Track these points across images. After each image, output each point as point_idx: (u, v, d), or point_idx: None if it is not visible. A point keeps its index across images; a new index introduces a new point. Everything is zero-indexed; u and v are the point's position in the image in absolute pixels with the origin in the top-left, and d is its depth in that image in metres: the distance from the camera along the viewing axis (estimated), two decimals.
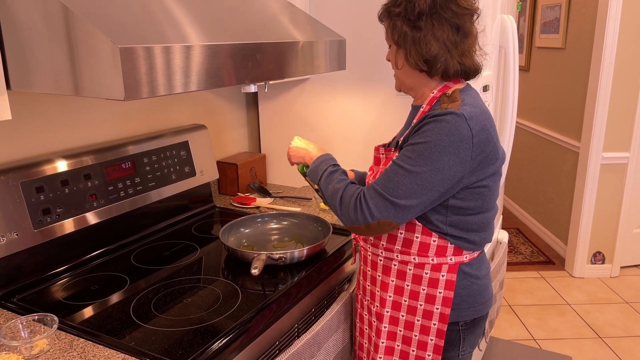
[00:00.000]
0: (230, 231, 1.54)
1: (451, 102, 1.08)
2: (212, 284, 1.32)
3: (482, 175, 1.10)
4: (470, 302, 1.19)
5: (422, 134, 1.06)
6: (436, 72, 1.11)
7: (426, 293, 1.17)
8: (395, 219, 1.08)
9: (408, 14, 1.09)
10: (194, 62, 0.98)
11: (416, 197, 1.06)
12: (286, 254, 1.36)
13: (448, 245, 1.15)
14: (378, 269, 1.23)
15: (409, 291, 1.19)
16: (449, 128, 1.03)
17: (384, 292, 1.22)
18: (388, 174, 1.09)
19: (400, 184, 1.06)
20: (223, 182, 2.02)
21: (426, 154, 1.05)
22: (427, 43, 1.08)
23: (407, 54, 1.12)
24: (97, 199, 1.44)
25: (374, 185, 1.10)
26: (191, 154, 1.76)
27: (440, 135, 1.04)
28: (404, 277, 1.19)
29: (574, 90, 3.46)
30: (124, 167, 1.53)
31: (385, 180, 1.09)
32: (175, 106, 1.83)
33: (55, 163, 1.35)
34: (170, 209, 1.72)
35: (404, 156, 1.08)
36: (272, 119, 2.12)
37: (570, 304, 3.02)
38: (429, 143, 1.05)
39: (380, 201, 1.08)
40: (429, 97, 1.15)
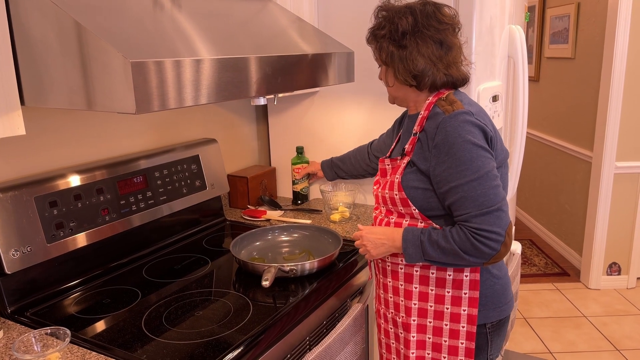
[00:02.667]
0: (241, 244, 1.54)
1: (451, 104, 1.14)
2: (223, 297, 1.32)
3: (497, 162, 1.15)
4: (495, 303, 1.20)
5: (446, 144, 1.10)
6: (425, 86, 1.17)
7: (451, 295, 1.18)
8: (509, 219, 1.10)
9: (393, 35, 1.15)
10: (204, 75, 0.99)
11: (500, 190, 1.10)
12: (297, 266, 1.36)
13: None
14: (400, 278, 1.24)
15: (434, 295, 1.19)
16: (466, 123, 1.10)
17: (408, 300, 1.23)
18: (469, 195, 1.08)
19: (487, 192, 1.07)
20: (234, 195, 2.02)
21: (470, 156, 1.08)
22: (413, 60, 1.14)
23: (395, 72, 1.17)
24: (109, 213, 1.45)
25: (469, 213, 1.08)
26: (202, 168, 1.77)
27: (465, 133, 1.09)
28: (427, 282, 1.20)
29: (585, 99, 3.44)
30: (135, 182, 1.54)
31: (472, 202, 1.08)
32: (186, 120, 1.85)
33: (68, 178, 1.37)
34: (182, 223, 1.72)
35: (458, 174, 1.08)
36: (282, 132, 2.13)
37: (586, 316, 2.96)
38: (461, 146, 1.09)
39: (490, 218, 1.07)
40: (425, 103, 1.20)
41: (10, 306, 1.24)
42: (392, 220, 1.23)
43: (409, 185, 1.17)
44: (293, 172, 2.03)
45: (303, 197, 2.04)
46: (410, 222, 1.20)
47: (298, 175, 1.99)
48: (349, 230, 1.75)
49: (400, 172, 1.19)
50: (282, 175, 2.17)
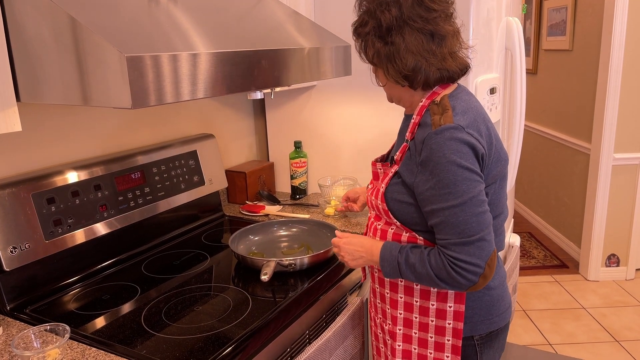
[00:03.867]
0: (239, 239, 1.54)
1: (442, 113, 1.03)
2: (222, 291, 1.32)
3: (490, 179, 1.07)
4: (483, 315, 1.12)
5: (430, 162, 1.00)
6: (418, 85, 1.06)
7: (436, 308, 1.11)
8: (492, 248, 1.01)
9: (377, 31, 1.05)
10: (200, 69, 0.99)
11: (486, 217, 1.01)
12: (296, 261, 1.36)
13: None
14: (386, 286, 1.18)
15: (419, 307, 1.13)
16: (452, 142, 0.99)
17: (394, 309, 1.17)
18: (449, 221, 1.00)
19: (469, 219, 0.99)
20: (232, 190, 2.02)
21: (455, 180, 0.99)
22: (402, 58, 1.03)
23: (385, 71, 1.07)
24: (107, 209, 1.45)
25: (449, 240, 1.00)
26: (200, 163, 1.77)
27: (450, 152, 0.99)
28: (412, 293, 1.13)
29: (582, 91, 3.44)
30: (133, 178, 1.54)
31: (453, 228, 1.00)
32: (183, 116, 1.84)
33: (65, 174, 1.37)
34: (180, 218, 1.72)
35: (439, 197, 1.00)
36: (280, 126, 2.12)
37: (585, 308, 2.97)
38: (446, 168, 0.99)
39: (470, 248, 0.99)
40: (418, 106, 1.09)
41: (10, 303, 1.24)
42: (379, 227, 1.16)
43: (393, 198, 1.09)
44: (291, 166, 2.03)
45: (301, 192, 2.04)
46: (396, 230, 1.12)
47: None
48: (346, 224, 1.75)
49: (387, 182, 1.11)
50: (280, 170, 2.16)
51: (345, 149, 1.99)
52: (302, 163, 2.03)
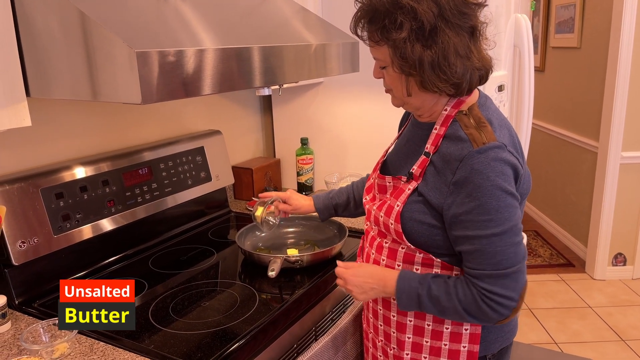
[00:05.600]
0: (246, 235, 1.54)
1: (479, 126, 0.93)
2: (229, 287, 1.32)
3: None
4: (497, 332, 1.05)
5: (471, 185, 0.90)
6: (463, 93, 0.94)
7: (450, 332, 1.02)
8: (525, 280, 0.94)
9: (417, 34, 0.88)
10: (208, 65, 0.99)
11: (522, 247, 0.93)
12: (302, 257, 1.36)
13: None
14: (392, 309, 1.06)
15: (431, 331, 1.03)
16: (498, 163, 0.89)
17: (401, 333, 1.06)
18: (486, 250, 0.91)
19: (508, 250, 0.90)
20: (238, 187, 2.02)
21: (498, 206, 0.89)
22: (450, 64, 0.89)
23: (424, 82, 0.91)
24: (114, 204, 1.45)
25: (483, 271, 0.92)
26: (207, 160, 1.77)
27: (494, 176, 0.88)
28: (424, 316, 1.02)
29: (590, 89, 3.42)
30: (140, 173, 1.54)
31: (489, 259, 0.91)
32: (191, 112, 1.85)
33: (74, 169, 1.37)
34: (187, 214, 1.73)
35: (480, 224, 0.90)
36: (287, 123, 2.12)
37: (591, 307, 2.96)
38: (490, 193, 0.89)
39: (506, 281, 0.91)
40: (442, 115, 0.97)
41: (18, 297, 1.25)
42: (386, 245, 1.05)
43: (412, 218, 0.97)
44: (297, 163, 2.03)
45: (308, 189, 2.04)
46: (407, 250, 1.01)
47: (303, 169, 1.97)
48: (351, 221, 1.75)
49: (403, 200, 0.98)
50: (287, 166, 2.16)
51: (352, 146, 1.99)
52: (309, 160, 2.03)
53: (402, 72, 0.93)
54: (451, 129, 0.95)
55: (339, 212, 1.40)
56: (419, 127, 1.04)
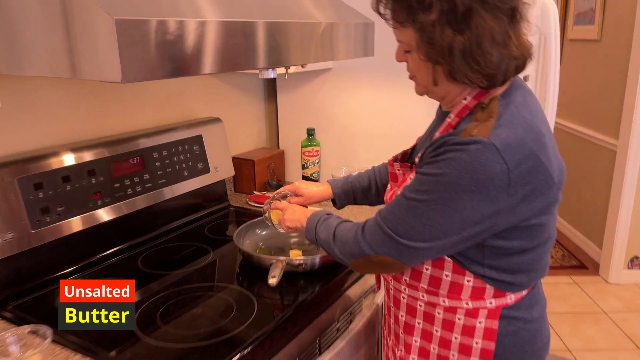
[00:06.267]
0: (245, 233, 1.41)
1: (484, 120, 0.80)
2: (225, 291, 1.19)
3: (530, 212, 0.83)
4: (516, 353, 0.92)
5: (436, 164, 0.81)
6: (494, 85, 0.83)
7: (459, 342, 0.92)
8: (399, 258, 0.87)
9: (449, 17, 0.77)
10: (206, 40, 0.85)
11: (424, 240, 0.83)
12: (307, 260, 1.23)
13: (487, 287, 0.89)
14: (401, 307, 0.99)
15: (439, 338, 0.94)
16: (473, 163, 0.76)
17: (408, 335, 0.98)
18: (392, 205, 0.88)
19: (403, 220, 0.84)
20: (239, 179, 1.89)
21: (437, 191, 0.80)
22: (485, 53, 0.77)
23: (452, 71, 0.81)
24: (101, 197, 1.32)
25: (377, 214, 0.91)
26: (205, 149, 1.64)
27: (458, 171, 0.77)
28: (432, 320, 0.95)
29: (610, 84, 3.26)
30: (132, 163, 1.41)
31: (387, 211, 0.88)
32: (188, 97, 1.71)
33: (55, 157, 1.24)
34: (182, 208, 1.60)
35: (412, 187, 0.85)
36: (292, 112, 1.98)
37: (606, 312, 2.83)
38: (442, 177, 0.79)
39: (378, 233, 0.88)
40: (460, 104, 0.87)
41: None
42: None
43: None
44: (303, 155, 1.90)
45: None
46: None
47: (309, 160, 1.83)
48: None
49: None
50: (291, 158, 2.03)
51: (362, 138, 1.85)
52: (315, 152, 1.89)
53: (428, 60, 0.82)
54: (464, 121, 0.85)
55: (358, 199, 1.25)
56: (440, 115, 0.97)
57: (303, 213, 1.11)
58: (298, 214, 1.12)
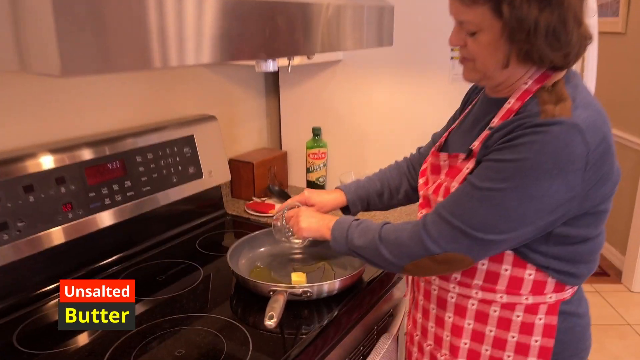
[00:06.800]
0: (241, 251, 1.22)
1: (557, 103, 0.78)
2: (215, 324, 1.00)
3: (599, 197, 0.82)
4: (572, 350, 0.92)
5: (514, 148, 0.77)
6: (567, 65, 0.80)
7: (516, 341, 0.89)
8: (470, 254, 0.82)
9: None
10: (186, 20, 0.65)
11: (499, 232, 0.80)
12: (312, 289, 1.04)
13: (548, 280, 0.87)
14: (448, 308, 0.94)
15: (493, 338, 0.91)
16: (557, 145, 0.75)
17: (456, 337, 0.94)
18: (459, 197, 0.83)
19: (476, 213, 0.80)
20: (236, 183, 1.70)
21: (517, 178, 0.77)
22: (567, 32, 0.76)
23: (530, 51, 0.77)
24: (73, 209, 1.13)
25: (439, 209, 0.84)
26: (197, 151, 1.45)
27: (541, 155, 0.75)
28: (486, 320, 0.91)
29: (636, 79, 3.06)
30: (110, 168, 1.22)
31: (454, 204, 0.83)
32: (179, 92, 1.51)
33: (16, 163, 1.05)
34: (170, 219, 1.41)
35: (484, 175, 0.80)
36: (296, 109, 1.79)
37: (631, 325, 2.64)
38: (523, 162, 0.76)
39: (446, 229, 0.82)
40: (520, 89, 0.84)
41: None
42: None
43: None
44: (308, 157, 1.70)
45: (319, 189, 1.71)
46: None
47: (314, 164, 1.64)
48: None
49: (461, 180, 0.87)
50: (295, 161, 1.83)
51: (374, 140, 1.66)
52: (321, 154, 1.70)
53: (508, 39, 0.78)
54: (528, 105, 0.82)
55: (371, 204, 1.20)
56: (490, 103, 0.90)
57: (322, 221, 1.03)
58: (317, 223, 1.04)
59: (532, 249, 0.84)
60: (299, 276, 1.12)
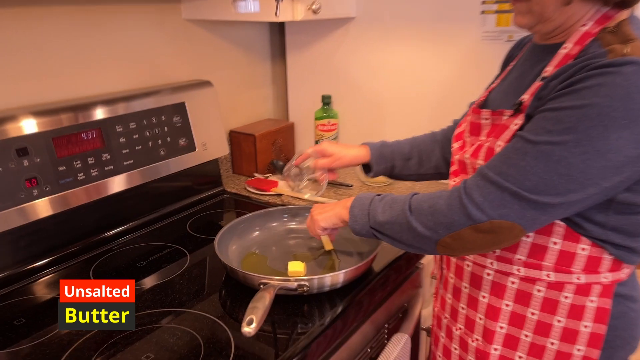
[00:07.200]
0: (233, 235, 1.06)
1: (625, 42, 0.67)
2: (194, 323, 0.85)
3: None
4: (625, 338, 0.82)
5: (577, 93, 0.66)
6: (635, 1, 0.70)
7: (563, 326, 0.79)
8: (520, 221, 0.70)
9: None
10: None
11: (558, 193, 0.68)
12: (310, 282, 0.87)
13: (604, 257, 0.76)
14: (483, 287, 0.83)
15: (535, 322, 0.80)
16: (628, 88, 0.63)
17: (491, 320, 0.83)
18: (508, 155, 0.70)
19: (531, 172, 0.68)
20: (237, 158, 1.54)
21: (580, 128, 0.65)
22: None
23: None
24: (38, 184, 0.99)
25: (483, 171, 0.72)
26: (189, 121, 1.28)
27: (611, 100, 0.64)
28: (528, 301, 0.80)
29: None
30: (84, 139, 1.07)
31: (502, 164, 0.70)
32: (169, 55, 1.35)
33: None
34: (157, 197, 1.26)
35: (540, 127, 0.68)
36: (305, 74, 1.61)
37: None
38: (588, 109, 0.64)
39: (493, 192, 0.70)
40: (579, 32, 0.72)
41: None
42: None
43: None
44: (317, 129, 1.53)
45: None
46: None
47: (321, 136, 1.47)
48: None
49: (507, 138, 0.74)
50: (303, 133, 1.66)
51: (391, 109, 1.47)
52: (332, 125, 1.52)
53: None
54: (589, 48, 0.70)
55: (397, 168, 1.06)
56: (541, 50, 0.78)
57: (337, 205, 0.91)
58: (332, 208, 0.91)
59: (588, 218, 0.73)
60: (297, 266, 0.96)
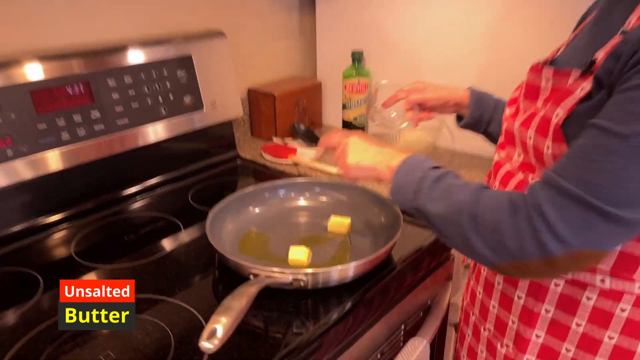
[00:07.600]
0: (228, 212, 0.92)
1: None
2: (167, 317, 0.72)
3: None
4: None
5: None
6: None
7: (615, 344, 0.65)
8: (604, 246, 0.55)
9: None
10: None
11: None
12: (313, 276, 0.72)
13: None
14: (519, 285, 0.71)
15: (580, 335, 0.67)
16: None
17: (526, 326, 0.71)
18: (588, 156, 0.53)
19: (625, 178, 0.51)
20: (257, 120, 1.39)
21: None
22: None
23: None
24: (13, 144, 0.87)
25: (555, 178, 0.55)
26: (196, 76, 1.14)
27: None
28: (574, 309, 0.66)
29: None
30: (70, 93, 0.94)
31: (582, 169, 0.53)
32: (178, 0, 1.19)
33: None
34: (157, 162, 1.13)
35: (629, 112, 0.51)
36: (335, 27, 1.42)
37: None
38: None
39: (576, 211, 0.53)
40: None
41: None
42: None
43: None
44: (344, 91, 1.35)
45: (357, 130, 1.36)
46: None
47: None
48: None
49: (570, 106, 0.58)
50: (331, 94, 1.48)
51: (431, 67, 1.27)
52: (362, 86, 1.34)
53: None
54: None
55: (493, 122, 0.94)
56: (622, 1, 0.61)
57: (380, 155, 0.74)
58: (372, 158, 0.75)
59: None
60: (299, 252, 0.81)
